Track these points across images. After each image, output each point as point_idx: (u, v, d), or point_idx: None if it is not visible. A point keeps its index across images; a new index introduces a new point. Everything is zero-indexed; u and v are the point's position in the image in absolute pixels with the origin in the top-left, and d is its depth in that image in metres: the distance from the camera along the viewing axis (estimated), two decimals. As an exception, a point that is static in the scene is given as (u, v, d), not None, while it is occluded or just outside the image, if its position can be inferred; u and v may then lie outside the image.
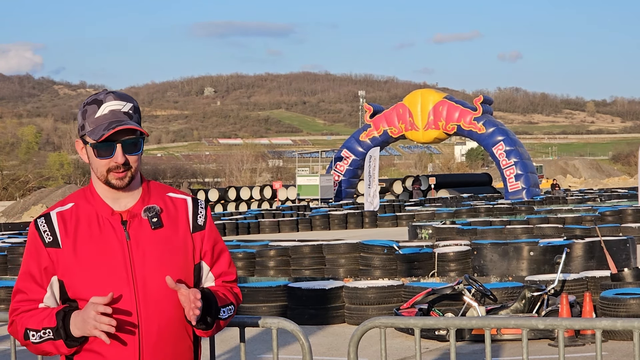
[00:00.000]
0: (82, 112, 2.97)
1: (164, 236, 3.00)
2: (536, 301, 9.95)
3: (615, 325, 3.58)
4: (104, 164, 2.93)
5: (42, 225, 2.96)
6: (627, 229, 20.29)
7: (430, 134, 44.20)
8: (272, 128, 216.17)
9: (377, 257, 14.57)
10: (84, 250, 2.92)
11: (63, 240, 2.93)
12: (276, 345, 3.78)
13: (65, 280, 2.93)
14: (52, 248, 2.93)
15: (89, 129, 2.94)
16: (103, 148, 2.91)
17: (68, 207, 2.99)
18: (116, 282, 2.91)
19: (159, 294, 2.95)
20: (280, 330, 3.72)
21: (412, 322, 3.90)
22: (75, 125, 57.59)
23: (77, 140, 3.03)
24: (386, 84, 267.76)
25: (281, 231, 29.64)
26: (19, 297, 2.98)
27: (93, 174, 3.01)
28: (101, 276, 2.90)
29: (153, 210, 2.99)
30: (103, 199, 2.98)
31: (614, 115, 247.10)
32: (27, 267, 2.98)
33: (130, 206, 2.99)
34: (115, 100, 2.94)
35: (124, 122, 2.90)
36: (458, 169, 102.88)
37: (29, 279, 2.96)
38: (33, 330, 2.90)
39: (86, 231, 2.94)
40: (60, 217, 2.96)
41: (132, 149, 2.94)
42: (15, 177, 65.61)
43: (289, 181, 65.99)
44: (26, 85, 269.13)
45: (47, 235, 2.94)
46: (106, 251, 2.92)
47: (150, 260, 2.95)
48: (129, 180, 2.95)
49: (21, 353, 9.41)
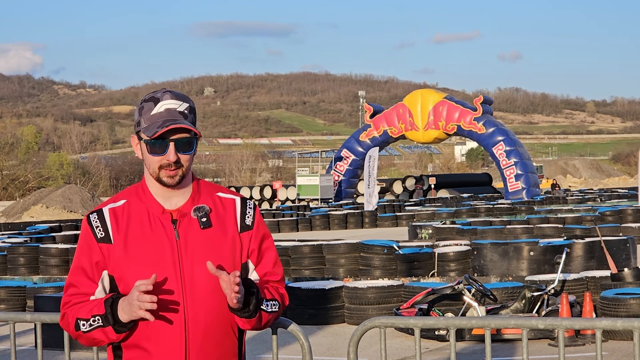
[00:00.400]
0: (139, 109, 3.03)
1: (213, 236, 3.03)
2: (536, 301, 9.95)
3: (616, 325, 3.58)
4: (157, 160, 2.98)
5: (94, 221, 3.02)
6: (627, 229, 20.29)
7: (430, 134, 44.21)
8: (272, 128, 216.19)
9: (377, 257, 14.57)
10: (135, 247, 2.97)
11: (115, 236, 2.99)
12: (276, 345, 3.78)
13: (116, 276, 2.99)
14: (104, 243, 2.99)
15: (144, 125, 3.00)
16: (156, 145, 2.97)
17: (120, 204, 3.04)
18: (168, 282, 2.96)
19: (206, 293, 2.99)
20: (280, 330, 3.71)
21: (412, 322, 3.89)
22: (75, 125, 57.55)
23: (132, 136, 3.08)
24: (386, 84, 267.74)
25: (281, 231, 29.65)
26: (71, 290, 3.04)
27: (146, 171, 3.06)
28: (150, 273, 2.93)
29: (203, 210, 3.03)
30: (155, 197, 3.04)
31: (614, 115, 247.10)
32: (79, 262, 3.04)
33: (181, 205, 3.04)
34: (171, 100, 3.00)
35: (178, 121, 2.96)
36: (458, 169, 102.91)
37: (81, 273, 3.02)
38: (83, 320, 2.96)
39: (137, 228, 2.99)
40: (112, 214, 3.02)
41: (184, 148, 2.99)
42: (15, 177, 65.56)
43: (289, 181, 66.00)
44: (26, 85, 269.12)
45: (99, 230, 3.00)
46: (156, 249, 2.97)
47: (198, 260, 2.99)
48: (179, 178, 3.00)
49: (21, 353, 9.42)
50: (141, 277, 2.92)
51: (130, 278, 2.94)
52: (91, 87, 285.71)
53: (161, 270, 2.95)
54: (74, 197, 43.86)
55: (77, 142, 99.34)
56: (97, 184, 71.94)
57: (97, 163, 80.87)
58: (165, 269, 2.96)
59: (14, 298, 12.71)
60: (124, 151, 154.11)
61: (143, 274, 2.92)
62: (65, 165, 71.00)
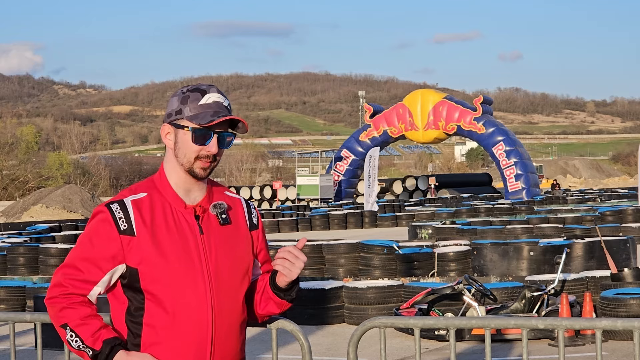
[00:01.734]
0: (182, 97, 2.98)
1: (231, 232, 3.06)
2: (536, 301, 9.95)
3: (616, 325, 3.57)
4: (197, 150, 2.95)
5: (117, 212, 2.92)
6: (627, 229, 20.30)
7: (430, 134, 44.21)
8: (272, 128, 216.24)
9: (376, 257, 14.57)
10: (161, 242, 2.92)
11: (138, 229, 2.92)
12: (275, 345, 3.77)
13: (141, 269, 2.91)
14: (126, 236, 2.91)
15: (189, 114, 2.95)
16: (201, 135, 2.95)
17: (142, 196, 2.97)
18: (193, 275, 2.94)
19: (229, 289, 3.01)
20: (279, 330, 3.71)
21: (411, 322, 3.89)
22: (75, 125, 57.25)
23: (165, 124, 3.02)
24: (386, 84, 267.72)
25: (281, 231, 29.65)
26: (72, 273, 2.93)
27: (172, 162, 3.01)
28: (179, 269, 2.92)
29: (222, 207, 3.04)
30: (176, 191, 3.01)
31: (614, 115, 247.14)
32: (90, 249, 2.93)
33: (199, 200, 3.03)
34: (217, 94, 3.00)
35: (228, 114, 2.98)
36: (458, 169, 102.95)
37: (89, 260, 2.93)
38: (74, 334, 2.90)
39: (162, 222, 2.95)
40: (135, 206, 2.95)
41: (224, 143, 3.00)
42: (14, 177, 65.54)
43: (288, 181, 65.99)
44: (26, 85, 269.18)
45: (122, 222, 2.91)
46: (182, 244, 2.94)
47: (221, 256, 3.00)
48: (209, 172, 3.00)
49: (21, 353, 9.41)
50: (169, 272, 2.90)
51: (157, 272, 2.90)
52: (91, 87, 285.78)
53: (188, 265, 2.93)
54: (74, 197, 43.85)
55: (77, 142, 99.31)
56: (97, 184, 71.91)
57: (97, 163, 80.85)
58: (192, 264, 2.94)
59: (14, 298, 12.70)
60: (123, 151, 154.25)
61: (171, 268, 2.91)
62: (65, 165, 70.99)
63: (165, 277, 2.91)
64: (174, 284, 2.91)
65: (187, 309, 2.92)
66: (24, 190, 63.74)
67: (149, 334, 2.93)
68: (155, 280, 2.91)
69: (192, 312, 2.92)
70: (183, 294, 2.91)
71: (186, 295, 2.91)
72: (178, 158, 2.99)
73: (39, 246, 17.63)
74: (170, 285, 2.90)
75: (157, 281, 2.90)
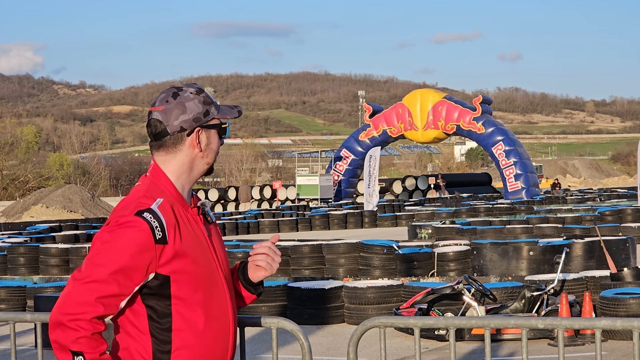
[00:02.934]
0: (203, 99, 2.97)
1: (217, 230, 3.11)
2: (536, 301, 9.96)
3: (615, 325, 3.58)
4: (220, 144, 3.05)
5: (152, 221, 2.84)
6: (626, 228, 20.29)
7: (429, 133, 44.20)
8: (271, 128, 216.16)
9: (376, 256, 14.57)
10: (189, 246, 2.91)
11: (169, 236, 2.88)
12: (276, 345, 3.78)
13: (173, 276, 2.87)
14: (160, 244, 2.85)
15: (215, 112, 2.99)
16: (224, 129, 3.04)
17: (162, 202, 2.93)
18: (216, 276, 2.97)
19: (231, 287, 3.08)
20: (279, 330, 3.72)
21: (411, 321, 3.90)
22: (75, 125, 57.03)
23: (196, 130, 2.97)
24: (386, 84, 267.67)
25: (281, 231, 29.64)
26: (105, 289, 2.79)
27: (186, 164, 2.99)
28: (206, 272, 2.94)
29: (207, 205, 3.06)
30: (180, 192, 3.00)
31: (614, 115, 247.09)
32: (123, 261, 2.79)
33: (191, 200, 3.05)
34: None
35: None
36: (458, 169, 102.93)
37: (123, 273, 2.80)
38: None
39: (184, 227, 2.93)
40: (163, 212, 2.89)
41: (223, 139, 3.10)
42: (14, 177, 65.58)
43: (288, 181, 65.98)
44: (26, 85, 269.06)
45: (158, 231, 2.84)
46: (201, 246, 2.95)
47: (222, 255, 3.05)
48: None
49: (21, 353, 9.41)
50: (199, 275, 2.91)
51: (189, 277, 2.88)
52: (91, 87, 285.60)
53: (212, 267, 2.96)
54: (74, 197, 43.85)
55: (77, 142, 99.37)
56: (97, 184, 71.94)
57: (97, 163, 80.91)
58: (214, 265, 2.97)
59: (14, 298, 12.71)
60: (123, 151, 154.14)
61: (201, 272, 2.92)
62: (66, 166, 71.03)
63: (196, 280, 2.90)
64: (204, 286, 2.92)
65: (215, 309, 2.95)
66: (24, 190, 63.76)
67: (180, 338, 2.90)
68: (187, 285, 2.89)
69: (220, 312, 2.96)
70: (211, 295, 2.94)
71: (214, 296, 2.94)
72: (206, 158, 3.00)
73: (39, 246, 17.64)
74: (200, 288, 2.91)
75: (188, 286, 2.89)
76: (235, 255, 14.85)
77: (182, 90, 2.99)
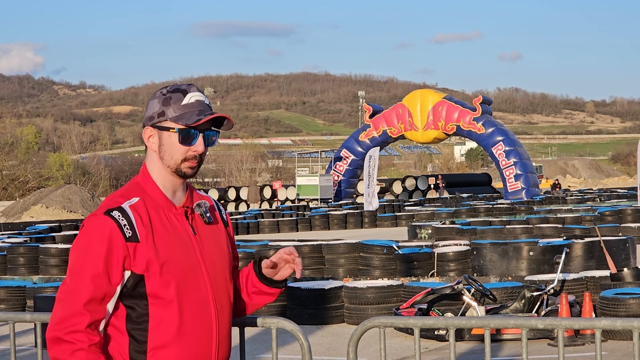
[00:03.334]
0: (164, 99, 2.96)
1: (215, 231, 3.08)
2: (536, 301, 9.95)
3: (615, 325, 3.58)
4: (183, 151, 2.94)
5: (120, 219, 2.86)
6: (626, 229, 20.29)
7: (429, 134, 44.20)
8: (271, 128, 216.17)
9: (376, 257, 14.57)
10: (164, 245, 2.90)
11: (141, 235, 2.88)
12: (275, 345, 3.78)
13: (147, 275, 2.87)
14: (132, 243, 2.86)
15: (173, 115, 2.93)
16: (188, 135, 2.94)
17: (136, 201, 2.93)
18: (196, 276, 2.95)
19: (222, 288, 3.04)
20: (279, 330, 3.72)
21: (411, 322, 3.90)
22: (75, 125, 57.23)
23: (147, 128, 2.99)
24: (386, 84, 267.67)
25: (281, 231, 29.65)
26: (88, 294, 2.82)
27: (156, 164, 2.99)
28: (184, 271, 2.92)
29: (205, 206, 3.05)
30: (164, 193, 2.99)
31: (614, 115, 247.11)
32: (98, 263, 2.83)
33: (184, 201, 3.03)
34: (198, 92, 2.99)
35: (212, 112, 2.96)
36: (458, 169, 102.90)
37: (100, 275, 2.83)
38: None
39: (159, 226, 2.92)
40: (134, 211, 2.90)
41: (210, 142, 2.99)
42: (14, 177, 65.55)
43: (288, 181, 65.99)
44: (26, 86, 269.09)
45: (127, 229, 2.86)
46: (182, 246, 2.94)
47: (213, 254, 3.02)
48: (196, 171, 3.01)
49: (21, 353, 9.41)
50: (175, 274, 2.89)
51: (163, 276, 2.88)
52: (91, 87, 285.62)
53: (191, 266, 2.94)
54: (74, 197, 43.86)
55: (77, 142, 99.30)
56: (97, 184, 71.90)
57: (97, 163, 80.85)
58: (194, 264, 2.95)
59: (14, 298, 12.71)
60: (123, 151, 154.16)
61: (176, 271, 2.90)
62: (65, 166, 71.02)
63: (171, 279, 2.89)
64: (180, 286, 2.90)
65: (194, 309, 2.92)
66: (24, 190, 63.75)
67: (156, 338, 2.90)
68: (162, 284, 2.89)
69: (199, 312, 2.94)
70: (189, 295, 2.92)
71: (192, 296, 2.92)
72: (164, 160, 2.96)
73: (39, 246, 17.63)
74: (176, 287, 2.89)
75: (163, 285, 2.89)
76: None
77: (165, 88, 3.01)
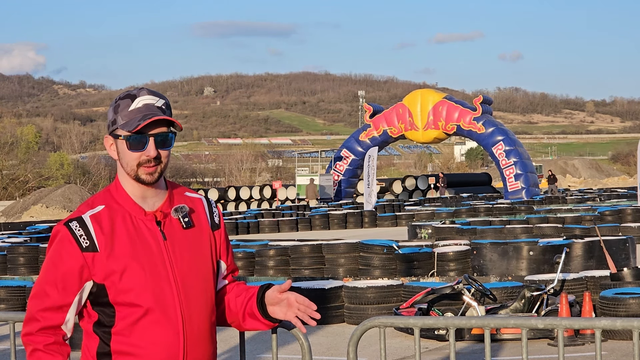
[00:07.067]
0: (114, 107, 2.96)
1: (194, 235, 3.02)
2: (536, 301, 9.95)
3: (615, 324, 3.58)
4: (136, 157, 2.91)
5: (77, 230, 2.89)
6: (626, 228, 20.28)
7: (429, 134, 44.19)
8: (271, 128, 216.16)
9: (376, 256, 14.56)
10: (125, 253, 2.88)
11: (100, 244, 2.88)
12: (275, 345, 3.78)
13: (107, 284, 2.88)
14: (89, 252, 2.87)
15: (121, 122, 2.92)
16: (136, 141, 2.90)
17: (99, 210, 2.93)
18: (159, 283, 2.91)
19: (196, 294, 2.98)
20: (279, 330, 3.72)
21: (411, 321, 3.90)
22: (75, 125, 57.45)
23: (106, 137, 3.00)
24: (386, 84, 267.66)
25: (281, 231, 29.64)
26: (42, 302, 2.91)
27: (121, 171, 2.98)
28: (145, 278, 2.89)
29: (183, 210, 3.00)
30: (133, 199, 2.96)
31: (614, 115, 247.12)
32: (54, 272, 2.91)
33: (159, 205, 2.99)
34: (149, 95, 2.94)
35: (158, 114, 2.90)
36: (458, 169, 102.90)
37: (55, 284, 2.90)
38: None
39: (123, 233, 2.91)
40: (94, 221, 2.90)
41: (163, 144, 2.94)
42: (14, 176, 65.56)
43: (288, 181, 65.98)
44: (26, 85, 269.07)
45: (84, 239, 2.88)
46: (145, 253, 2.91)
47: (186, 260, 2.97)
48: (158, 175, 2.94)
49: (21, 352, 9.42)
50: (134, 282, 2.87)
51: (123, 284, 2.87)
52: (91, 87, 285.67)
53: (154, 273, 2.90)
54: (74, 197, 43.87)
55: (77, 141, 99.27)
56: (97, 184, 71.88)
57: (97, 163, 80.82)
58: (158, 271, 2.91)
59: (14, 298, 12.70)
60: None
61: (136, 279, 2.87)
62: (65, 165, 71.00)
63: (131, 287, 2.87)
64: (141, 293, 2.88)
65: (156, 317, 2.89)
66: (24, 190, 63.77)
67: (119, 343, 2.90)
68: (123, 292, 2.88)
69: (161, 320, 2.90)
70: (151, 302, 2.88)
71: (154, 303, 2.89)
72: (124, 168, 2.95)
73: (39, 246, 17.64)
74: (137, 295, 2.87)
75: (124, 293, 2.88)
76: (236, 255, 14.86)
77: (122, 94, 3.00)
